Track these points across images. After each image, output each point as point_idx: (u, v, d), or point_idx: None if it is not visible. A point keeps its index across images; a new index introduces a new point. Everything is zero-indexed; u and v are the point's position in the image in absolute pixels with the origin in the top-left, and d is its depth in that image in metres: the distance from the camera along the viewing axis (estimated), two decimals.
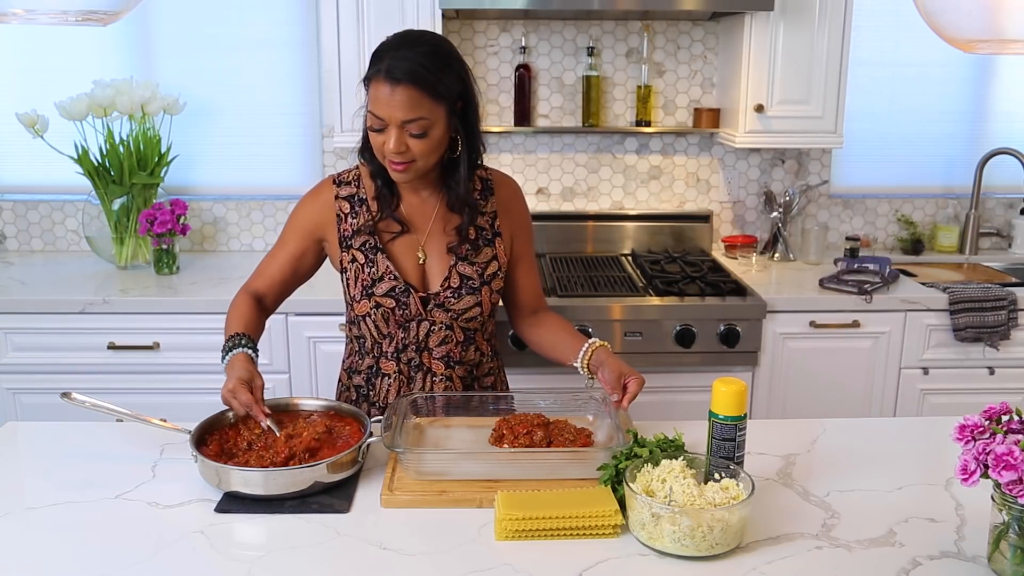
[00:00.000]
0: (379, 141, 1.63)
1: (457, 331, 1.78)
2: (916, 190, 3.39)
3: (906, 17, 3.10)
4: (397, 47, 1.61)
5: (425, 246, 1.77)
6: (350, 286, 1.76)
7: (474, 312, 1.77)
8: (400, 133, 1.59)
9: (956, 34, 1.67)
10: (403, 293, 1.73)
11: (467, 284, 1.75)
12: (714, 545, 1.25)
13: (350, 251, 1.76)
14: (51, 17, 1.67)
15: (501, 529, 1.31)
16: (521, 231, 1.86)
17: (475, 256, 1.77)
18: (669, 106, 3.23)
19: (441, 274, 1.76)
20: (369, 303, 1.74)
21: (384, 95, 1.58)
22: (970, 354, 2.76)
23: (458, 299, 1.75)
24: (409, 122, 1.58)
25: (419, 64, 1.57)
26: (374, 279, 1.74)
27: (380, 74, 1.58)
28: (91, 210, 3.03)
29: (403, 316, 1.74)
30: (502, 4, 2.71)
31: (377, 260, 1.74)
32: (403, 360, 1.78)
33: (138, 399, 2.50)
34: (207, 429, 1.55)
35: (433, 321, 1.76)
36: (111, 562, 1.25)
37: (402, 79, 1.57)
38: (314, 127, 3.21)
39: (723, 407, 1.41)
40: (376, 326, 1.77)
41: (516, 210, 1.86)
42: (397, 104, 1.57)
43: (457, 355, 1.79)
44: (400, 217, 1.75)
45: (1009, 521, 1.20)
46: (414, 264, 1.76)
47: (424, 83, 1.58)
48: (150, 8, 3.07)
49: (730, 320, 2.64)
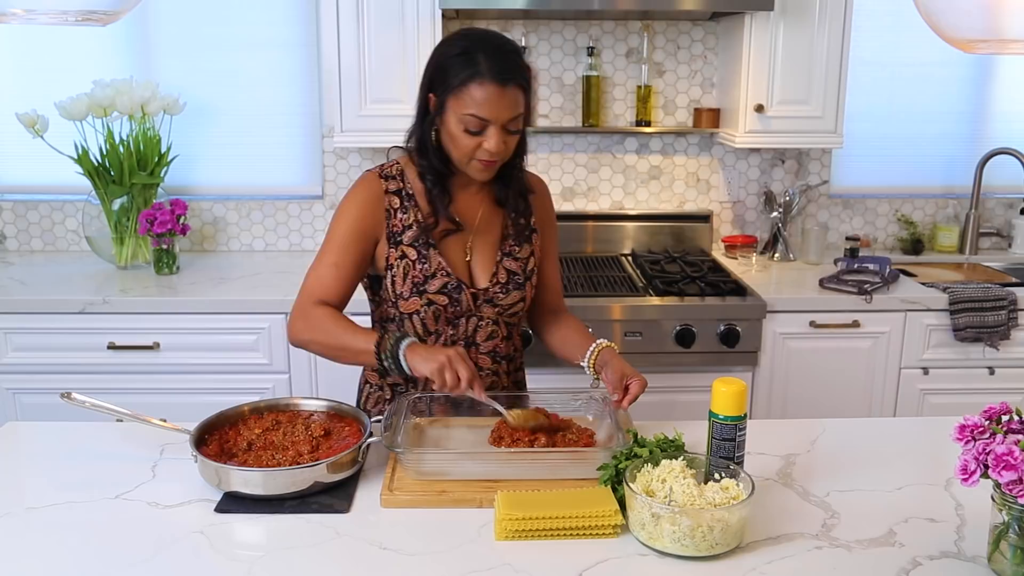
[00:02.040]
0: (473, 143, 1.61)
1: (502, 326, 1.78)
2: (916, 190, 3.39)
3: (906, 17, 3.09)
4: (484, 48, 1.58)
5: (472, 243, 1.76)
6: (396, 283, 1.71)
7: (519, 307, 1.78)
8: (501, 132, 1.60)
9: (956, 34, 1.67)
10: (455, 289, 1.71)
11: (514, 279, 1.76)
12: (714, 545, 1.25)
13: (399, 247, 1.71)
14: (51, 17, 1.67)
15: (501, 529, 1.31)
16: (550, 229, 1.88)
17: (519, 252, 1.78)
18: (669, 106, 3.23)
19: (487, 270, 1.75)
20: (420, 300, 1.70)
21: (493, 96, 1.56)
22: (970, 354, 2.76)
23: (506, 294, 1.75)
24: (512, 120, 1.60)
25: (517, 63, 1.60)
26: (426, 276, 1.70)
27: (483, 76, 1.56)
28: (91, 210, 3.03)
29: (454, 312, 1.72)
30: (502, 4, 2.71)
31: (430, 256, 1.70)
32: None
33: (138, 399, 2.50)
34: (207, 429, 1.55)
35: (481, 317, 1.75)
36: (111, 562, 1.25)
37: (511, 80, 1.57)
38: (314, 127, 3.21)
39: (723, 407, 1.41)
40: (423, 324, 1.73)
41: (546, 208, 1.87)
42: (507, 104, 1.58)
43: (503, 350, 1.79)
44: (454, 215, 1.73)
45: (1009, 521, 1.20)
46: (462, 260, 1.74)
47: (525, 80, 1.60)
48: (150, 8, 3.07)
49: (730, 320, 2.64)
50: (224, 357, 2.67)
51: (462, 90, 1.58)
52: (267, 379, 2.69)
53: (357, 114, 2.82)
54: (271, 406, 1.65)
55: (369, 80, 2.79)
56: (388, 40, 2.77)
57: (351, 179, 3.21)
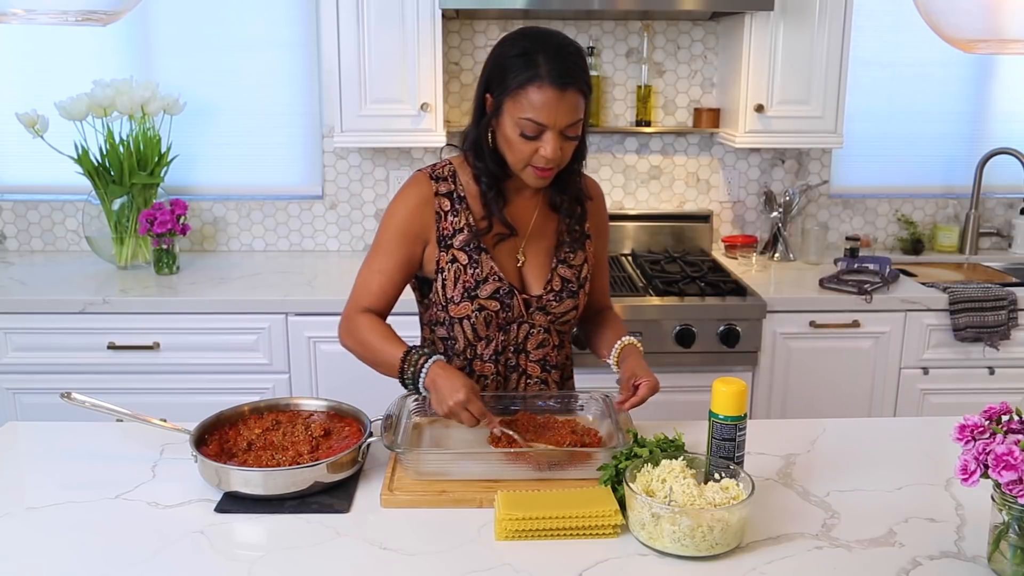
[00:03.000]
0: (530, 148, 1.56)
1: (554, 334, 1.75)
2: (916, 190, 3.39)
3: (906, 17, 3.10)
4: (545, 49, 1.53)
5: (525, 248, 1.72)
6: (447, 287, 1.67)
7: (571, 315, 1.74)
8: (558, 138, 1.55)
9: (956, 34, 1.67)
10: (507, 295, 1.67)
11: (567, 287, 1.72)
12: (714, 545, 1.25)
13: (450, 251, 1.67)
14: (51, 17, 1.67)
15: (501, 529, 1.31)
16: (603, 234, 1.84)
17: (573, 259, 1.73)
18: (669, 106, 3.23)
19: (540, 276, 1.71)
20: (471, 305, 1.66)
21: (552, 100, 1.51)
22: (970, 354, 2.76)
23: (559, 302, 1.71)
24: (570, 125, 1.55)
25: (578, 66, 1.54)
26: (478, 281, 1.66)
27: (542, 79, 1.51)
28: (91, 210, 3.03)
29: (505, 319, 1.69)
30: (502, 4, 2.71)
31: (481, 261, 1.66)
32: (500, 362, 1.73)
33: (138, 399, 2.50)
34: (207, 429, 1.55)
35: (532, 324, 1.71)
36: (111, 562, 1.25)
37: (571, 84, 1.52)
38: (314, 127, 3.21)
39: (723, 407, 1.41)
40: (473, 328, 1.69)
41: (601, 213, 1.83)
42: (564, 109, 1.52)
43: (553, 359, 1.76)
44: (507, 220, 1.68)
45: (1009, 521, 1.20)
46: (514, 266, 1.70)
47: (585, 85, 1.55)
48: (150, 8, 3.07)
49: (730, 320, 2.64)
50: (224, 357, 2.67)
51: (520, 93, 1.53)
52: (267, 379, 2.69)
53: (357, 114, 2.82)
54: (271, 406, 1.65)
55: (369, 80, 2.79)
56: (388, 40, 2.77)
57: (351, 179, 3.22)
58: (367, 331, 1.65)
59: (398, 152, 3.20)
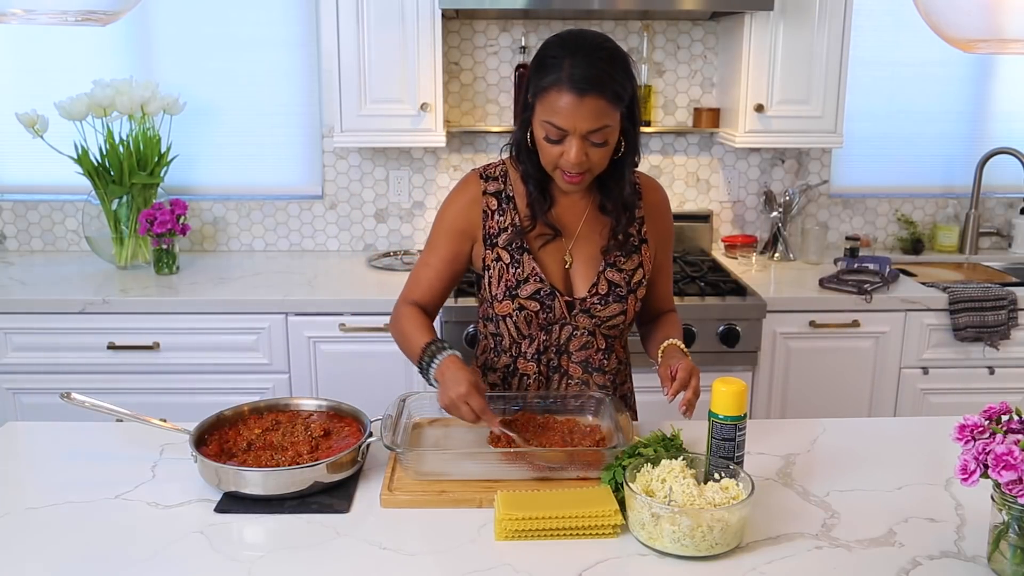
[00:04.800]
0: (555, 152, 1.54)
1: (599, 338, 1.72)
2: (916, 190, 3.39)
3: (906, 17, 3.10)
4: (573, 52, 1.50)
5: (572, 250, 1.70)
6: (492, 285, 1.69)
7: (618, 320, 1.71)
8: (582, 143, 1.52)
9: (956, 34, 1.67)
10: (548, 296, 1.66)
11: (615, 291, 1.68)
12: (714, 545, 1.25)
13: (495, 249, 1.68)
14: (51, 17, 1.67)
15: (501, 529, 1.31)
16: (666, 239, 1.79)
17: (623, 263, 1.70)
18: (669, 106, 3.23)
19: (587, 279, 1.69)
20: (512, 304, 1.68)
21: (569, 105, 1.49)
22: (970, 354, 2.76)
23: (604, 306, 1.68)
24: (593, 131, 1.51)
25: (605, 72, 1.49)
26: (519, 280, 1.66)
27: (563, 83, 1.48)
28: (91, 210, 3.03)
29: (546, 319, 1.68)
30: (502, 4, 2.71)
31: (523, 261, 1.67)
32: (543, 361, 1.73)
33: (138, 399, 2.51)
34: (207, 429, 1.55)
35: (576, 326, 1.70)
36: (111, 562, 1.25)
37: (590, 89, 1.48)
38: (314, 127, 3.21)
39: (723, 407, 1.41)
40: (516, 327, 1.71)
41: (662, 216, 1.78)
42: (584, 115, 1.49)
43: (597, 362, 1.74)
44: (552, 221, 1.68)
45: (1009, 521, 1.20)
46: (560, 267, 1.69)
47: (609, 92, 1.49)
48: (150, 8, 3.07)
49: (730, 320, 2.64)
50: (224, 357, 2.67)
51: (546, 94, 1.51)
52: (267, 379, 2.69)
53: (357, 114, 2.82)
54: (271, 406, 1.65)
55: (369, 80, 2.79)
56: (388, 40, 2.77)
57: (351, 179, 3.22)
58: (405, 320, 1.69)
59: (398, 152, 3.20)
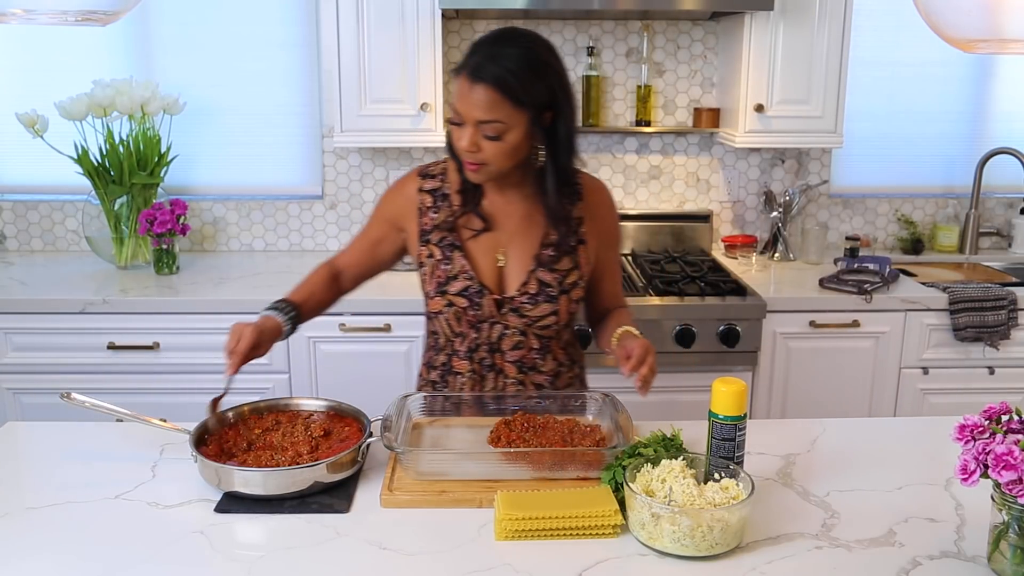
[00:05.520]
0: (456, 135, 1.60)
1: (531, 338, 1.73)
2: (916, 190, 3.39)
3: (906, 17, 3.10)
4: (491, 44, 1.57)
5: (507, 249, 1.72)
6: (425, 281, 1.74)
7: (550, 320, 1.72)
8: (474, 132, 1.56)
9: (956, 34, 1.67)
10: (477, 294, 1.69)
11: (545, 291, 1.70)
12: (714, 545, 1.25)
13: (428, 246, 1.72)
14: (51, 17, 1.67)
15: (501, 529, 1.31)
16: (610, 239, 1.81)
17: (556, 264, 1.71)
18: (669, 106, 3.23)
19: (519, 278, 1.71)
20: (442, 300, 1.71)
21: (464, 92, 1.55)
22: (970, 354, 2.76)
23: (534, 306, 1.69)
24: (484, 123, 1.55)
25: (506, 68, 1.53)
26: (449, 276, 1.70)
27: (466, 70, 1.56)
28: (91, 210, 3.03)
29: (476, 317, 1.71)
30: (502, 4, 2.71)
31: (453, 258, 1.70)
32: (475, 359, 1.75)
33: (138, 399, 2.51)
34: (207, 429, 1.55)
35: (507, 325, 1.72)
36: (111, 562, 1.25)
37: (484, 79, 1.53)
38: (314, 127, 3.21)
39: (723, 407, 1.41)
40: (449, 324, 1.74)
41: (604, 217, 1.79)
42: (475, 103, 1.54)
43: (531, 362, 1.75)
44: (483, 213, 1.71)
45: (1009, 521, 1.20)
46: (492, 265, 1.72)
47: (506, 88, 1.53)
48: (150, 8, 3.07)
49: (730, 320, 2.64)
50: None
51: (455, 79, 1.59)
52: (267, 379, 2.69)
53: (357, 114, 2.82)
54: (271, 406, 1.66)
55: (369, 80, 2.79)
56: (388, 40, 2.77)
57: (351, 179, 3.23)
58: (309, 275, 1.83)
59: (398, 152, 3.20)
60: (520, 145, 1.59)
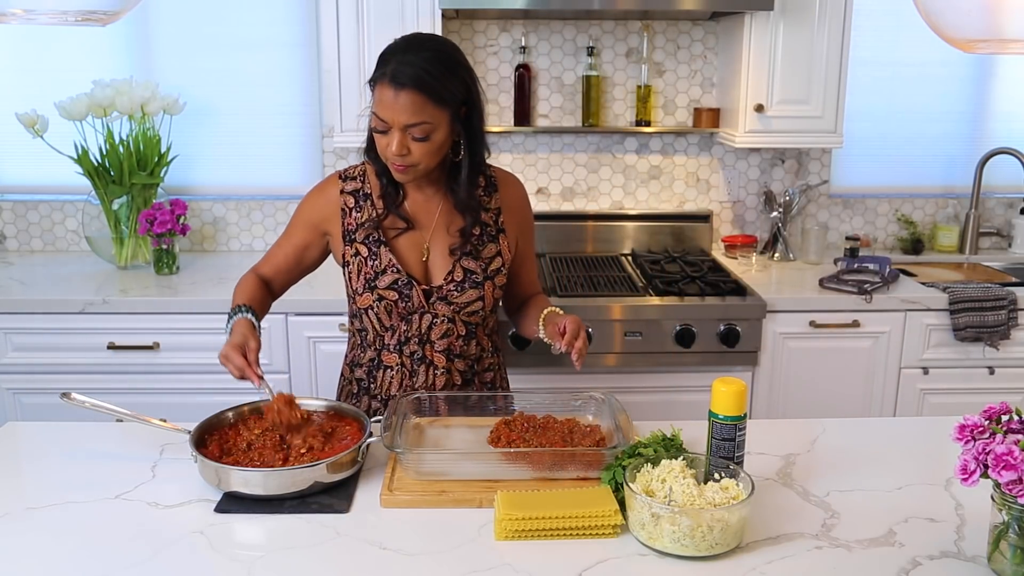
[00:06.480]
0: (383, 142, 1.67)
1: (459, 324, 1.80)
2: (916, 190, 3.39)
3: (906, 17, 3.09)
4: (403, 51, 1.64)
5: (429, 243, 1.80)
6: (352, 279, 1.79)
7: (476, 306, 1.79)
8: (403, 136, 1.63)
9: (956, 34, 1.67)
10: (406, 286, 1.76)
11: (470, 278, 1.78)
12: (714, 545, 1.25)
13: (353, 245, 1.79)
14: (51, 17, 1.67)
15: (501, 529, 1.31)
16: (526, 229, 1.91)
17: (479, 252, 1.79)
18: (669, 106, 3.23)
19: (444, 267, 1.79)
20: (372, 296, 1.76)
21: (388, 99, 1.61)
22: (970, 354, 2.76)
23: (461, 292, 1.77)
24: (412, 126, 1.62)
25: (424, 70, 1.60)
26: (377, 272, 1.76)
27: (385, 78, 1.61)
28: (91, 210, 3.03)
29: (406, 308, 1.77)
30: (502, 4, 2.71)
31: (380, 253, 1.76)
32: (405, 352, 1.80)
33: (138, 399, 2.51)
34: (207, 429, 1.55)
35: (435, 314, 1.78)
36: (111, 562, 1.25)
37: (406, 84, 1.60)
38: (314, 127, 3.21)
39: (723, 407, 1.41)
40: (378, 319, 1.79)
41: (520, 208, 1.90)
42: (401, 108, 1.60)
43: (458, 348, 1.81)
44: (405, 214, 1.79)
45: (1009, 521, 1.20)
46: (418, 259, 1.79)
47: (428, 89, 1.61)
48: (150, 8, 3.07)
49: (730, 320, 2.64)
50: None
51: (375, 88, 1.65)
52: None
53: (357, 114, 2.81)
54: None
55: None
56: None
57: None
58: (240, 284, 1.84)
59: None
60: (445, 142, 1.68)
